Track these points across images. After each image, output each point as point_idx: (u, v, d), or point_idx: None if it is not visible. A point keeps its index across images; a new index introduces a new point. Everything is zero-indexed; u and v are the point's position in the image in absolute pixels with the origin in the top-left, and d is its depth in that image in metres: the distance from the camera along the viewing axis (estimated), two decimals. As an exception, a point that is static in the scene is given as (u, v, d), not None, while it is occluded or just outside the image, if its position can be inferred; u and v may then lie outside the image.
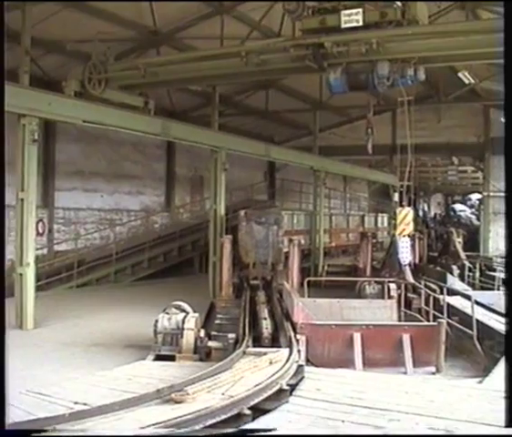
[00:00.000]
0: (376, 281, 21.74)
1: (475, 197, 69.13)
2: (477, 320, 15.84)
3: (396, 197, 25.59)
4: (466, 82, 32.18)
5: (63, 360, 14.28)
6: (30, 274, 17.98)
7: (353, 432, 8.23)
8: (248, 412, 8.50)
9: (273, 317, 16.05)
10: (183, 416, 7.87)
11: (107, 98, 20.72)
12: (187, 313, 14.15)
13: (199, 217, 36.98)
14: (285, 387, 9.60)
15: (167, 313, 14.16)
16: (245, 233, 22.87)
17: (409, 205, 21.72)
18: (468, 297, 18.26)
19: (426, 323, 16.35)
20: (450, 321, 16.62)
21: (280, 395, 9.41)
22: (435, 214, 78.48)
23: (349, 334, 13.90)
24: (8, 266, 23.32)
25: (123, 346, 15.65)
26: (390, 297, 18.74)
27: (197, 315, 14.30)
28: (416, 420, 8.66)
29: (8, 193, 22.94)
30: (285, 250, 22.85)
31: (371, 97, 24.02)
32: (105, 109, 20.38)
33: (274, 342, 13.72)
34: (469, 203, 74.50)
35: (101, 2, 21.86)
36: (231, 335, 13.62)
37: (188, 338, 13.55)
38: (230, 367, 10.69)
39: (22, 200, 17.91)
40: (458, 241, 33.50)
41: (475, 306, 16.23)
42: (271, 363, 10.86)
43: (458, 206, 77.19)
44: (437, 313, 17.13)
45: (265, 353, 11.56)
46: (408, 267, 22.49)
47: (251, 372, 10.33)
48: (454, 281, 24.48)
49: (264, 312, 16.12)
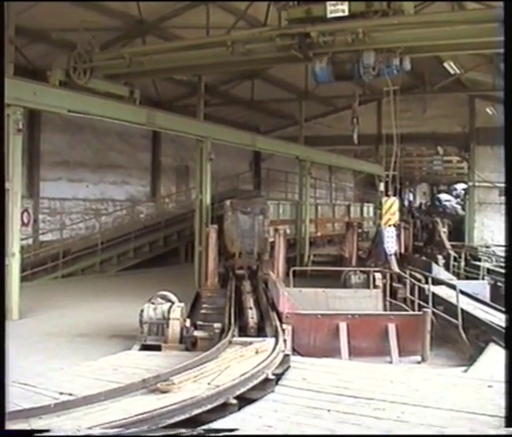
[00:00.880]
0: (362, 271, 21.76)
1: (460, 186, 69.29)
2: (462, 310, 15.92)
3: (382, 186, 25.58)
4: (452, 72, 32.26)
5: (48, 350, 14.23)
6: (15, 264, 17.88)
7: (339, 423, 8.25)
8: (234, 402, 8.50)
9: (259, 306, 16.05)
10: (169, 406, 7.86)
11: (92, 88, 20.60)
12: (172, 303, 14.12)
13: (184, 206, 36.93)
14: (271, 376, 9.61)
15: (152, 303, 14.12)
16: (231, 223, 22.84)
17: (395, 195, 21.81)
18: (453, 286, 18.35)
19: (412, 313, 16.38)
20: (435, 311, 16.70)
21: (266, 385, 9.42)
22: (421, 204, 78.68)
23: (335, 324, 13.94)
24: (-7, 256, 23.17)
25: (108, 336, 15.60)
26: (375, 286, 18.78)
27: (182, 305, 14.27)
28: (402, 409, 8.69)
29: (-7, 183, 22.73)
30: (271, 240, 22.84)
31: (356, 87, 24.09)
32: (90, 99, 20.27)
33: (260, 332, 13.72)
34: (454, 193, 74.66)
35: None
36: (217, 325, 13.59)
37: (173, 327, 13.53)
38: (216, 357, 10.69)
39: (7, 190, 17.81)
40: (443, 231, 33.60)
41: (460, 295, 16.31)
42: (257, 353, 10.87)
43: (444, 196, 77.34)
44: (422, 303, 17.18)
45: (251, 343, 11.56)
46: (394, 256, 22.53)
47: (237, 362, 10.33)
48: (439, 271, 24.57)
49: (250, 302, 16.10)
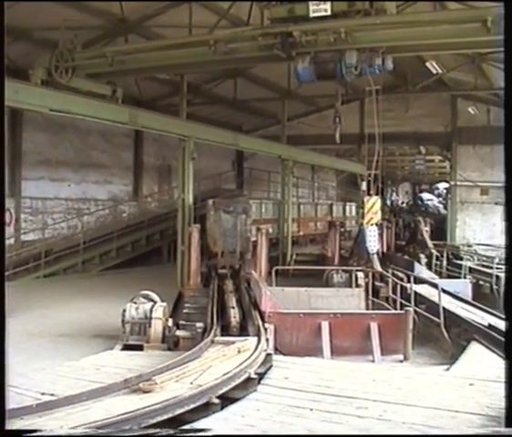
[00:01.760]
0: (344, 270, 21.81)
1: (442, 186, 69.50)
2: (444, 308, 15.99)
3: (364, 186, 25.66)
4: (434, 72, 32.31)
5: (30, 350, 14.18)
6: (-3, 264, 17.79)
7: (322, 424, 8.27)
8: (216, 401, 8.52)
9: (241, 306, 16.07)
10: (151, 406, 7.86)
11: (74, 87, 20.50)
12: (155, 302, 14.12)
13: (167, 206, 36.83)
14: (253, 376, 9.62)
15: (134, 303, 14.12)
16: (213, 222, 22.82)
17: (377, 194, 21.87)
18: (435, 285, 18.42)
19: (394, 312, 16.45)
20: (417, 309, 16.76)
21: (248, 384, 9.43)
22: (403, 203, 78.86)
23: (317, 323, 13.97)
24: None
25: (91, 336, 15.59)
26: (358, 285, 18.84)
27: (165, 304, 14.28)
28: (384, 407, 8.72)
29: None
30: (253, 239, 22.85)
31: (339, 87, 24.12)
32: (72, 98, 20.16)
33: (242, 331, 13.74)
34: (436, 192, 74.87)
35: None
36: (200, 324, 13.62)
37: (156, 327, 13.53)
38: (199, 356, 10.70)
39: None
40: (426, 230, 33.75)
41: (442, 294, 16.38)
42: (240, 352, 10.88)
43: (426, 195, 77.55)
44: (405, 302, 17.27)
45: (233, 342, 11.57)
46: (376, 255, 22.63)
47: (220, 361, 10.34)
48: (421, 270, 24.66)
49: (232, 301, 16.14)
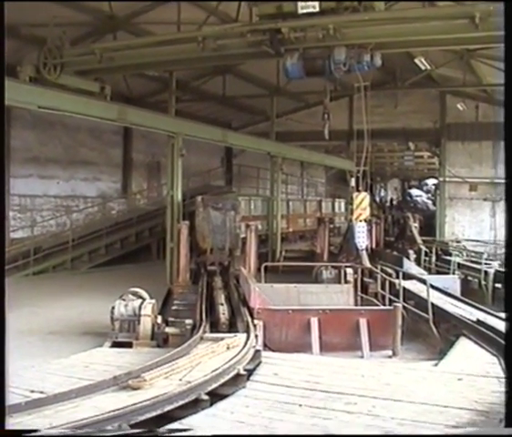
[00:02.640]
0: (333, 266, 21.85)
1: (431, 182, 69.58)
2: (433, 304, 16.03)
3: (353, 182, 25.68)
4: (423, 68, 32.35)
5: (19, 348, 14.09)
6: (-15, 262, 17.75)
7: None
8: (205, 398, 8.54)
9: (230, 302, 16.11)
10: (140, 402, 7.87)
11: (62, 84, 20.45)
12: (143, 300, 14.12)
13: (156, 203, 36.80)
14: (242, 372, 9.65)
15: (123, 300, 14.11)
16: (202, 219, 22.82)
17: (365, 190, 21.90)
18: (424, 281, 18.45)
19: (383, 307, 16.49)
20: (406, 305, 16.80)
21: (237, 380, 9.46)
22: (392, 199, 78.95)
23: (306, 319, 13.99)
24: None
25: (80, 333, 15.58)
26: (346, 281, 18.84)
27: (154, 301, 14.27)
28: (373, 403, 8.75)
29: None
30: (242, 236, 22.85)
31: (328, 83, 24.11)
32: (60, 95, 20.12)
33: (231, 328, 13.77)
34: (425, 188, 74.98)
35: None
36: (189, 321, 13.63)
37: (145, 324, 13.53)
38: (188, 353, 10.72)
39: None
40: (415, 226, 33.86)
41: (430, 290, 16.41)
42: (229, 348, 10.91)
43: (415, 191, 77.67)
44: (393, 297, 17.27)
45: (222, 339, 11.60)
46: (365, 251, 22.67)
47: (209, 358, 10.36)
48: (410, 266, 24.71)
49: (221, 298, 16.16)
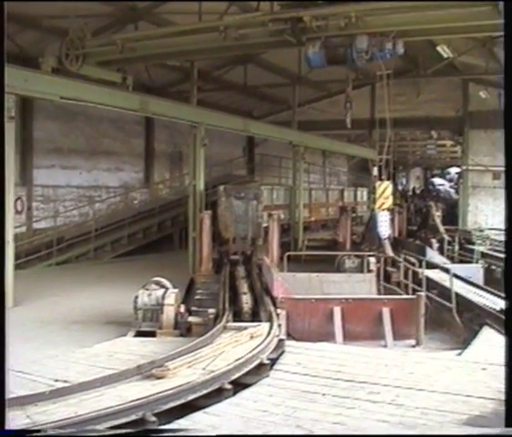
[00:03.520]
0: (356, 255, 21.81)
1: (453, 170, 69.16)
2: (456, 293, 15.98)
3: (375, 171, 25.58)
4: (445, 56, 32.12)
5: (43, 337, 14.24)
6: (9, 252, 17.86)
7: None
8: (229, 387, 8.55)
9: (253, 291, 16.06)
10: (164, 391, 7.89)
11: (84, 74, 20.54)
12: (167, 289, 14.15)
13: (178, 192, 36.84)
14: (266, 361, 9.65)
15: (147, 289, 14.15)
16: (224, 208, 22.81)
17: (388, 179, 21.79)
18: (447, 270, 18.39)
19: (406, 296, 16.41)
20: (429, 294, 16.73)
21: (260, 369, 9.46)
22: (414, 188, 78.58)
23: (329, 308, 13.99)
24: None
25: (103, 323, 15.61)
26: (369, 271, 18.81)
27: (177, 291, 14.30)
28: (396, 392, 8.73)
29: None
30: (265, 225, 22.85)
31: (350, 71, 24.03)
32: (82, 85, 20.21)
33: (254, 317, 13.74)
34: (448, 177, 74.48)
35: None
36: (212, 310, 13.62)
37: (168, 313, 13.56)
38: (211, 342, 10.72)
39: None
40: (437, 215, 33.64)
41: (453, 279, 16.35)
42: (252, 338, 10.90)
43: (437, 180, 77.22)
44: (416, 286, 17.22)
45: (246, 328, 11.60)
46: (387, 240, 22.57)
47: (232, 347, 10.36)
48: (433, 255, 24.61)
49: (244, 287, 16.13)
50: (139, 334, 13.44)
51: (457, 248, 27.83)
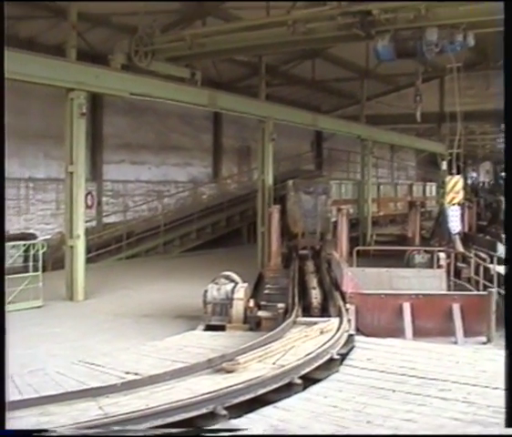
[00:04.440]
0: (426, 251, 21.60)
1: (525, 164, 68.06)
2: (529, 289, 15.67)
3: (445, 165, 25.27)
4: (516, 47, 31.62)
5: (114, 330, 14.42)
6: (80, 246, 18.13)
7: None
8: (299, 382, 8.52)
9: (322, 286, 16.00)
10: (234, 385, 7.91)
11: (153, 70, 20.76)
12: (236, 283, 14.18)
13: (246, 187, 36.99)
14: (336, 356, 9.60)
15: (216, 283, 14.19)
16: (293, 203, 22.82)
17: (458, 173, 21.52)
18: (520, 266, 18.05)
19: (476, 293, 16.20)
20: (501, 291, 16.47)
21: (330, 364, 9.41)
22: (484, 182, 77.56)
23: (398, 304, 13.86)
24: (58, 239, 23.72)
25: (173, 316, 15.74)
26: (439, 266, 18.57)
27: (246, 285, 14.32)
28: (468, 390, 8.60)
29: (57, 167, 23.24)
30: (333, 220, 22.79)
31: (419, 65, 23.79)
32: (152, 81, 20.43)
33: (323, 312, 13.69)
34: (519, 170, 73.36)
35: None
36: (281, 305, 13.60)
37: (237, 308, 13.59)
38: (281, 337, 10.71)
39: (71, 174, 18.00)
40: (508, 210, 33.07)
41: (526, 275, 16.04)
42: (322, 333, 10.86)
43: (508, 174, 76.04)
44: (487, 283, 16.97)
45: (315, 323, 11.58)
46: (458, 236, 22.28)
47: (302, 342, 10.34)
48: (504, 250, 24.21)
49: (313, 282, 16.07)
50: (209, 328, 13.48)
51: (530, 243, 27.33)
